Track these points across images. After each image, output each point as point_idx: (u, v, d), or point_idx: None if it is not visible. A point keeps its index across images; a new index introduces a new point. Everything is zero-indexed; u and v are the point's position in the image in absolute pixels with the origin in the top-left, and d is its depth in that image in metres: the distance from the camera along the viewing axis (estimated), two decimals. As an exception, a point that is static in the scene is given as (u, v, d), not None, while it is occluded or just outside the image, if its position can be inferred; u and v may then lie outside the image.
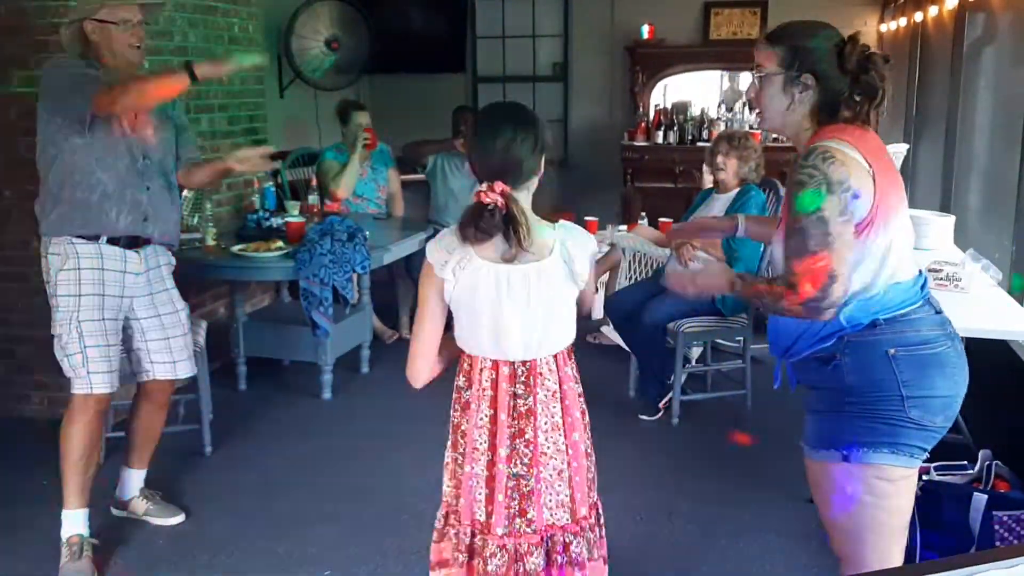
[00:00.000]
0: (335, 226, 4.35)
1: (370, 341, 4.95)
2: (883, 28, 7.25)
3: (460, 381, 2.09)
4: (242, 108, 5.21)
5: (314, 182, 5.44)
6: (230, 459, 3.87)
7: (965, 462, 3.09)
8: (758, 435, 3.98)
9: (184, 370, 3.28)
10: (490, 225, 1.91)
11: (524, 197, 1.99)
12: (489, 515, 2.03)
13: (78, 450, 2.99)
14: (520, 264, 1.95)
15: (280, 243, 4.35)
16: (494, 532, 2.03)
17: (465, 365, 2.08)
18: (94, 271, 2.96)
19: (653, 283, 4.45)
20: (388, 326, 5.55)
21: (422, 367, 2.10)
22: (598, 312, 2.17)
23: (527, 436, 2.01)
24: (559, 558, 2.04)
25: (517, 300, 1.96)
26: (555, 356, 2.04)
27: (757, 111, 2.11)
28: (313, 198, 5.27)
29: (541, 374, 2.02)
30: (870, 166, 1.90)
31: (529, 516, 2.02)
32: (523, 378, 2.02)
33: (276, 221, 4.66)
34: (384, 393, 4.67)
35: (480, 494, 2.05)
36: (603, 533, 2.16)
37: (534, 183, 2.03)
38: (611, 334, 4.67)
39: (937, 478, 3.02)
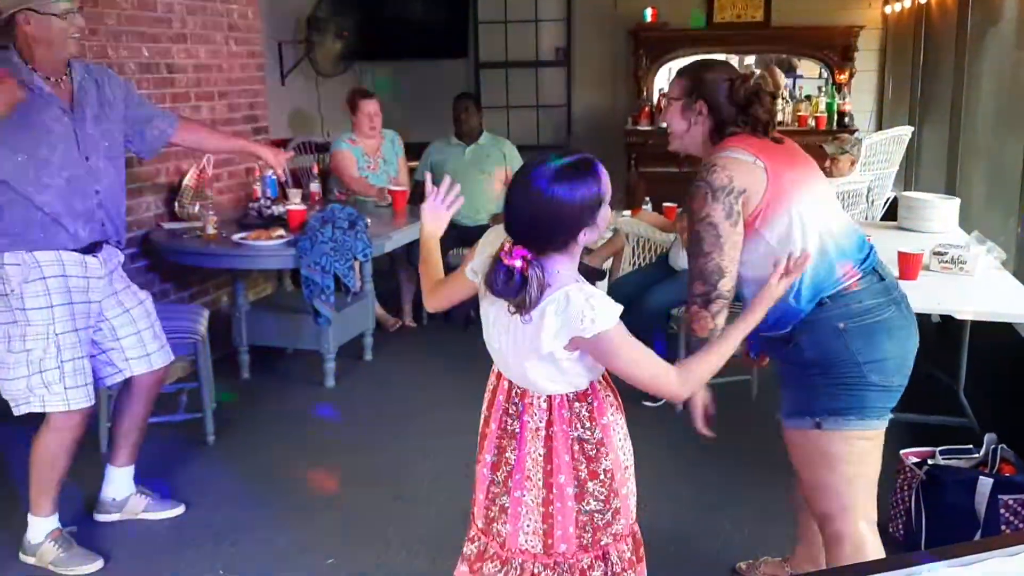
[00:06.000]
0: (336, 214, 4.33)
1: (373, 329, 4.94)
2: (888, 10, 7.20)
3: None
4: (243, 95, 5.19)
5: (315, 169, 5.42)
6: (233, 448, 3.86)
7: (970, 446, 3.08)
8: (762, 422, 3.95)
9: (159, 360, 3.15)
10: (505, 289, 1.76)
11: (561, 261, 1.82)
12: (474, 504, 2.08)
13: (58, 464, 2.92)
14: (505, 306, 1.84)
15: (281, 231, 4.33)
16: (476, 523, 2.08)
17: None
18: (59, 279, 2.81)
19: (657, 269, 4.43)
20: (391, 314, 5.54)
21: (428, 293, 2.14)
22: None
23: (507, 455, 1.98)
24: None
25: (497, 331, 1.92)
26: (550, 396, 1.92)
27: (670, 132, 2.36)
28: (315, 185, 5.26)
29: (531, 405, 1.93)
30: (757, 158, 2.14)
31: (497, 528, 2.01)
32: (516, 400, 1.96)
33: (277, 209, 4.64)
34: (387, 381, 4.67)
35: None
36: None
37: (577, 245, 1.83)
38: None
39: (942, 462, 3.01)
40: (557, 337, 1.78)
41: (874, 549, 2.26)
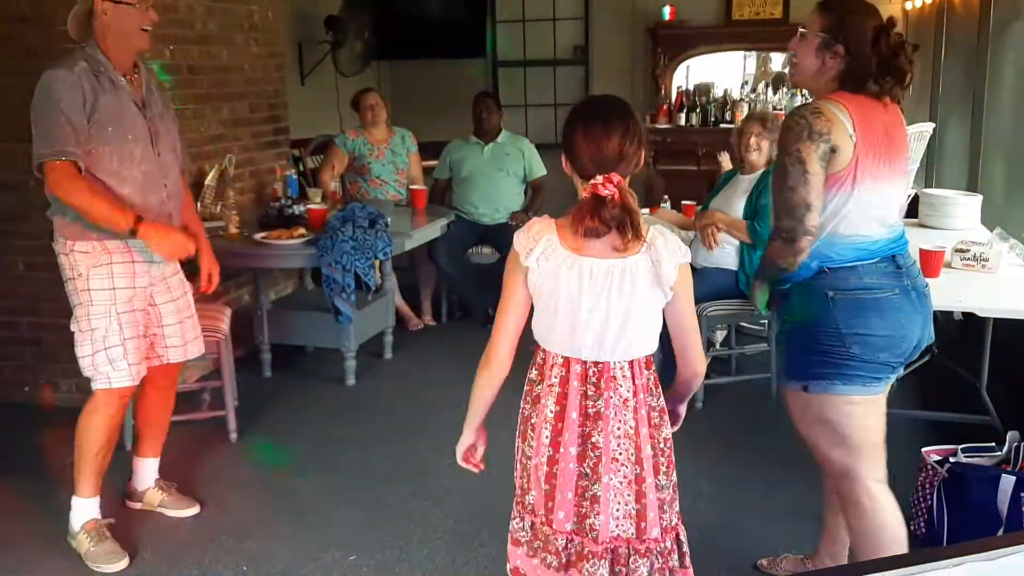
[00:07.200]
0: (356, 212, 4.36)
1: (393, 327, 4.97)
2: (908, 5, 7.14)
3: (532, 374, 2.03)
4: (262, 96, 5.22)
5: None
6: (255, 445, 3.90)
7: (992, 444, 3.06)
8: (783, 419, 3.95)
9: (194, 351, 3.25)
10: (610, 216, 1.81)
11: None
12: (549, 511, 1.97)
13: (101, 442, 2.99)
14: (605, 259, 1.87)
15: (302, 230, 4.37)
16: (561, 527, 1.96)
17: (538, 359, 2.02)
18: (125, 264, 2.92)
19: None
20: (412, 312, 5.56)
21: (502, 345, 1.98)
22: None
23: (594, 439, 1.93)
24: (622, 569, 1.96)
25: (598, 296, 1.88)
26: (630, 362, 1.95)
27: (793, 64, 2.33)
28: (335, 184, 5.29)
29: (614, 378, 1.93)
30: (854, 132, 2.14)
31: (590, 522, 1.94)
32: (594, 379, 1.93)
33: (298, 208, 4.67)
34: (407, 379, 4.69)
35: (543, 489, 1.99)
36: (686, 563, 2.04)
37: (638, 169, 1.95)
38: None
39: (964, 460, 2.99)
40: (671, 263, 1.88)
41: (889, 508, 2.33)
